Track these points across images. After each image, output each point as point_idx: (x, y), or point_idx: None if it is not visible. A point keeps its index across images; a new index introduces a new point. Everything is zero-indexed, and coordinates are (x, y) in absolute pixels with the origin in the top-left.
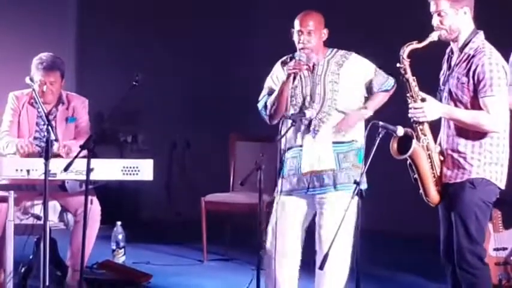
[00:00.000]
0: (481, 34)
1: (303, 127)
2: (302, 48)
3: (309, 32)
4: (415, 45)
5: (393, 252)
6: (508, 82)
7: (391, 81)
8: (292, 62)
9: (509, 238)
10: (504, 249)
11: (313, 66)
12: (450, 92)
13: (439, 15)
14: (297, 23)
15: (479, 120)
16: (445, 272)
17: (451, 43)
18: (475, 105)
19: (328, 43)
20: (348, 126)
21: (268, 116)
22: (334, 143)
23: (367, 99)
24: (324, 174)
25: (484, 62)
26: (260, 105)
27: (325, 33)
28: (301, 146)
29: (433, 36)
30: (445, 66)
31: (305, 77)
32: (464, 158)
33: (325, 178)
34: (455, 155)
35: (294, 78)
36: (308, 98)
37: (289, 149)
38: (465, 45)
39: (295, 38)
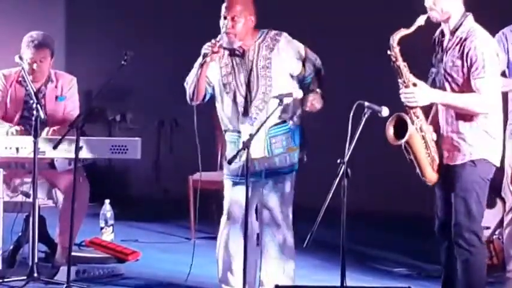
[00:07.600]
0: (470, 17)
1: (240, 112)
2: (226, 33)
3: (232, 18)
4: (403, 31)
5: (379, 231)
6: (499, 63)
7: (319, 61)
8: (209, 43)
9: (492, 217)
10: (487, 228)
11: (243, 52)
12: (445, 74)
13: None
14: (222, 8)
15: (469, 103)
16: (432, 251)
17: (442, 24)
18: (469, 86)
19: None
20: (314, 108)
21: (189, 96)
22: (269, 127)
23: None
24: (256, 161)
25: (476, 44)
26: (186, 85)
27: (252, 19)
28: (239, 132)
29: (420, 21)
30: (437, 48)
31: (237, 64)
32: (464, 140)
33: (256, 165)
34: (455, 137)
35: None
36: (244, 86)
37: (225, 131)
38: (456, 28)
39: (221, 23)
